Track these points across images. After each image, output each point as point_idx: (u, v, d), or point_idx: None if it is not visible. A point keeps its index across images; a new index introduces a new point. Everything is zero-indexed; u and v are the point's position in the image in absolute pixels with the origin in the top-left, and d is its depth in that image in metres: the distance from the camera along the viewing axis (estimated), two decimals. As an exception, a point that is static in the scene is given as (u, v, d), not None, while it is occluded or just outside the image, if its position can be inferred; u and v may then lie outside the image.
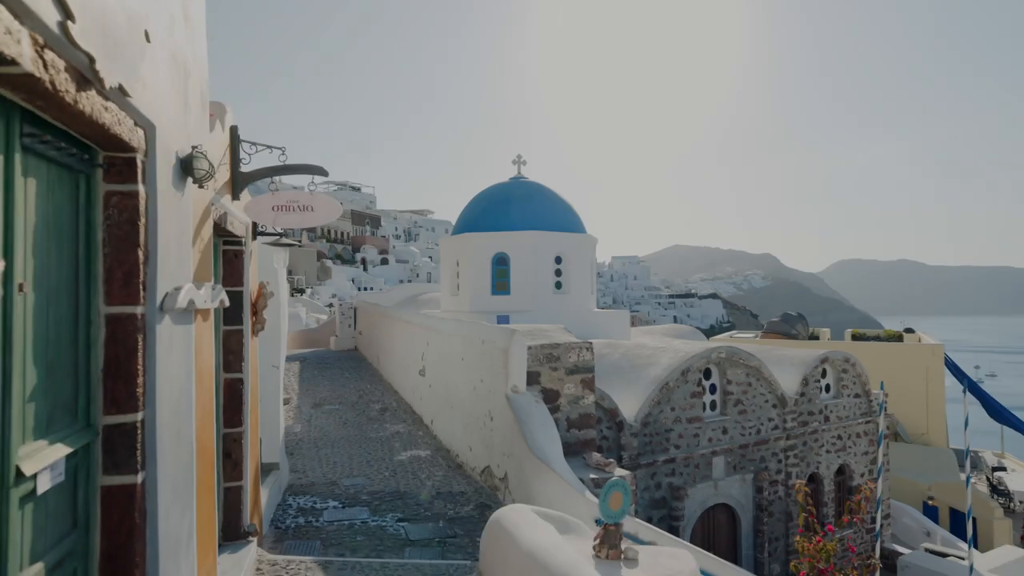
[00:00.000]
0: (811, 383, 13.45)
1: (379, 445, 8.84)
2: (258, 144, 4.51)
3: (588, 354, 7.76)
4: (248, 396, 5.10)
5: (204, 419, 3.42)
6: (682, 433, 11.42)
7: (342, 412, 10.83)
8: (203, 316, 3.39)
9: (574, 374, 7.69)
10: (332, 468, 7.81)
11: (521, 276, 15.57)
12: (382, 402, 11.65)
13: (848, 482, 14.23)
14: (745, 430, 12.33)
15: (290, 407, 11.11)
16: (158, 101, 2.56)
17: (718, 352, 11.96)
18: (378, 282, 68.68)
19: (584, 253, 16.43)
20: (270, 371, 6.65)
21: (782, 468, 12.85)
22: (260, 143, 4.52)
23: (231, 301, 4.96)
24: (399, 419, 10.36)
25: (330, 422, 10.16)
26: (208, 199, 3.64)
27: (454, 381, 8.55)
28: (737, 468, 12.19)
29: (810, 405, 13.40)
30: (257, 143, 4.52)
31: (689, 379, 11.56)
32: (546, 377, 7.51)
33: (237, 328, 4.97)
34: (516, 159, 17.47)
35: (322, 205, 4.60)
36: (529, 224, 15.71)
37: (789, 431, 12.86)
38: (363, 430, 9.67)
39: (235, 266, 4.97)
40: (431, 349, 9.81)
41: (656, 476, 11.09)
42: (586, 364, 7.75)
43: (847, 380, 14.20)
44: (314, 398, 11.96)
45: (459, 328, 8.46)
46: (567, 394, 7.64)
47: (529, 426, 6.60)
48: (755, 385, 12.55)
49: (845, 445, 14.02)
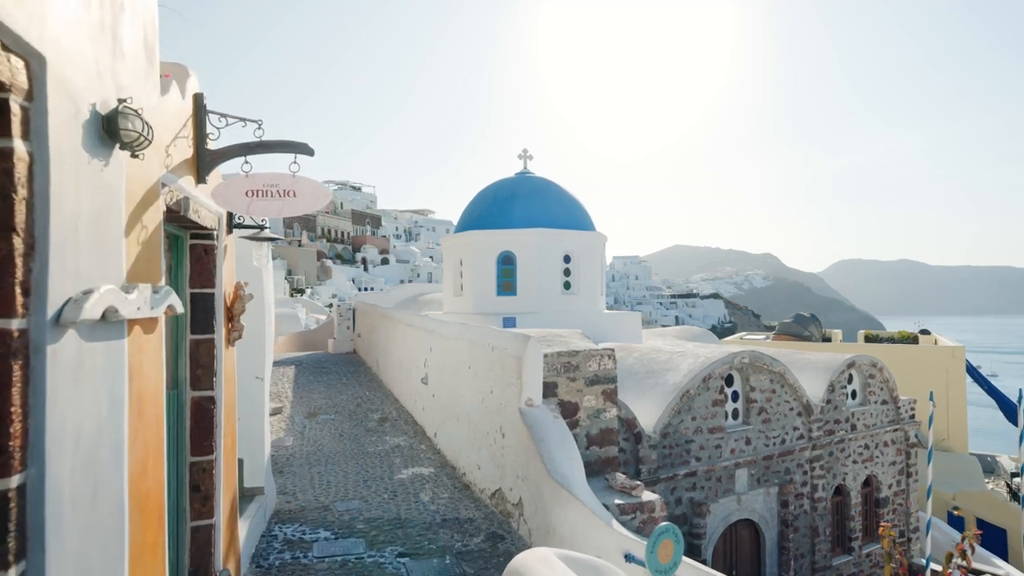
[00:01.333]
0: (837, 389, 12.66)
1: (378, 461, 8.07)
2: (229, 116, 3.73)
3: (610, 362, 6.98)
4: (221, 417, 4.32)
5: (147, 459, 2.65)
6: (703, 444, 10.64)
7: (338, 423, 10.05)
8: (144, 327, 2.61)
9: (595, 385, 6.90)
10: (325, 489, 7.03)
11: (528, 276, 14.79)
12: (381, 411, 10.87)
13: (875, 494, 13.44)
14: (769, 440, 11.54)
15: (282, 417, 10.33)
16: (54, 25, 1.78)
17: (741, 357, 11.18)
18: (378, 282, 68.02)
19: (593, 252, 15.65)
20: (253, 383, 5.88)
21: (807, 480, 12.06)
22: (231, 115, 3.74)
23: (201, 305, 4.20)
24: (399, 431, 9.58)
25: (325, 434, 9.38)
26: (155, 177, 2.86)
27: (460, 391, 7.77)
28: (761, 481, 11.40)
29: (836, 413, 12.61)
30: (227, 115, 3.74)
31: (711, 386, 10.78)
32: (564, 388, 6.73)
33: (208, 337, 4.20)
34: (522, 153, 16.69)
35: (307, 190, 3.82)
36: (536, 221, 14.93)
37: (815, 441, 12.07)
38: (360, 443, 8.90)
39: (205, 264, 4.19)
40: (434, 355, 9.02)
41: (676, 491, 10.31)
42: (608, 373, 6.97)
43: (874, 386, 13.41)
44: (308, 407, 11.18)
45: (465, 332, 7.68)
46: (587, 407, 6.86)
47: (547, 445, 5.82)
48: (779, 392, 11.76)
49: (872, 455, 13.23)
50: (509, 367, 6.43)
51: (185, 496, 4.09)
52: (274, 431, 9.43)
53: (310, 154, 3.82)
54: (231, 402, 4.64)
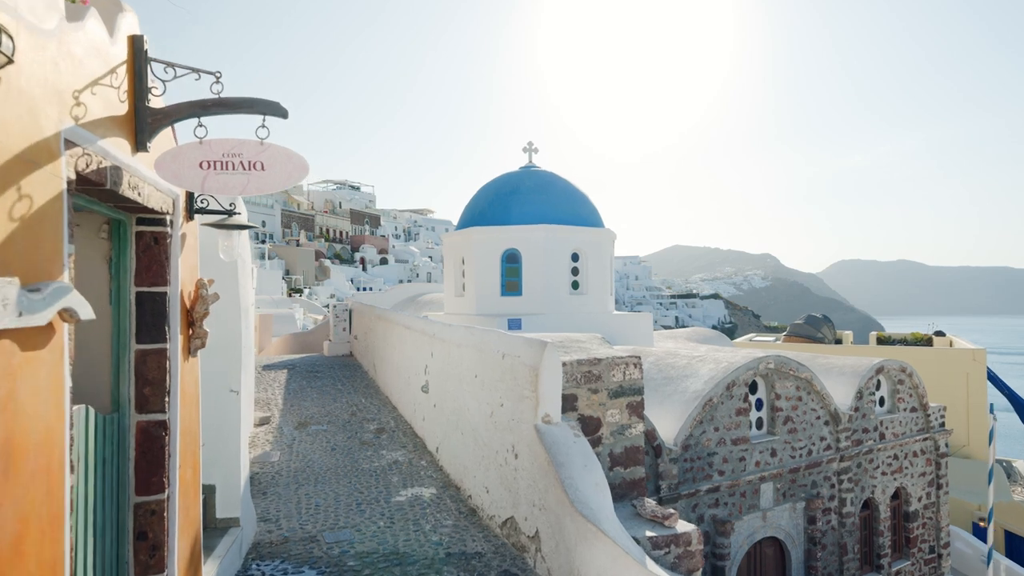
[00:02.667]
0: (865, 396, 11.85)
1: (373, 480, 7.24)
2: (177, 66, 2.91)
3: (635, 371, 6.16)
4: (177, 445, 3.50)
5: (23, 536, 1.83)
6: (727, 457, 9.83)
7: (331, 434, 9.23)
8: (19, 341, 1.79)
9: (619, 397, 6.09)
10: (313, 515, 6.21)
11: (534, 275, 13.97)
12: (378, 421, 10.04)
13: (904, 507, 12.64)
14: (795, 451, 10.73)
15: (269, 427, 9.50)
16: None
17: (766, 362, 10.36)
18: (377, 282, 67.29)
19: (602, 249, 14.83)
20: (227, 398, 5.06)
21: (835, 494, 11.25)
22: (181, 64, 2.92)
23: (150, 307, 3.38)
24: (398, 443, 8.76)
25: (316, 447, 8.56)
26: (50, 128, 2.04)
27: (465, 403, 6.95)
28: (786, 495, 10.59)
29: (864, 421, 11.80)
30: (176, 64, 2.92)
31: (734, 393, 9.96)
32: (584, 401, 5.92)
33: (158, 347, 3.37)
34: (527, 146, 15.87)
35: (278, 162, 3.00)
36: (542, 217, 14.11)
37: (843, 451, 11.26)
38: (354, 458, 8.08)
39: (155, 256, 3.37)
40: (436, 361, 8.20)
41: (698, 508, 9.50)
42: (633, 384, 6.16)
43: (903, 392, 12.61)
44: (299, 415, 10.35)
45: (470, 337, 6.86)
46: (610, 422, 6.05)
47: (568, 470, 5.00)
48: (806, 400, 10.95)
49: (901, 466, 12.43)
50: (522, 378, 5.61)
51: (128, 547, 3.27)
52: (259, 444, 8.61)
53: (283, 116, 3.01)
54: (191, 425, 3.82)
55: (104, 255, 3.31)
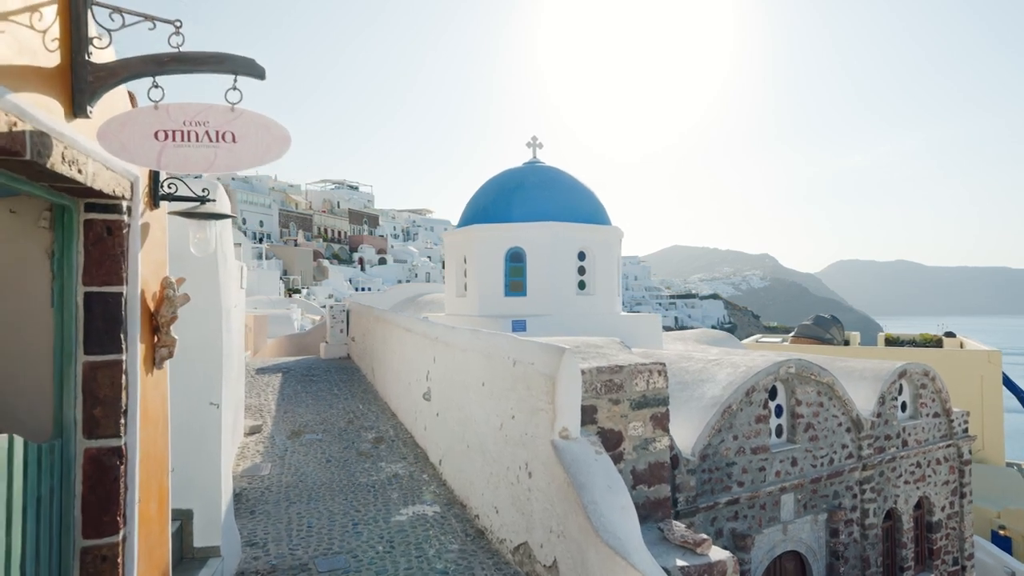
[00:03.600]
0: (888, 401, 11.30)
1: (371, 496, 6.67)
2: (127, 11, 2.34)
3: (660, 380, 5.60)
4: (136, 475, 2.93)
5: None
6: (746, 467, 9.27)
7: (326, 444, 8.65)
8: None
9: (642, 408, 5.53)
10: (305, 538, 5.64)
11: (539, 274, 13.41)
12: (376, 429, 9.47)
13: (927, 517, 12.09)
14: (817, 460, 10.17)
15: (260, 437, 8.93)
16: None
17: (787, 366, 9.80)
18: (376, 282, 66.79)
19: (610, 248, 14.27)
20: (206, 413, 4.49)
21: (857, 505, 10.70)
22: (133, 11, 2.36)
23: (101, 311, 2.81)
24: (397, 454, 8.19)
25: (309, 459, 7.99)
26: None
27: (471, 413, 6.39)
28: (807, 507, 10.03)
29: (886, 428, 11.25)
30: (125, 10, 2.35)
31: (754, 400, 9.40)
32: (605, 413, 5.35)
33: (112, 359, 2.81)
34: (531, 141, 15.31)
35: (252, 132, 2.44)
36: (548, 214, 13.55)
37: (865, 460, 10.70)
38: (351, 471, 7.51)
39: (108, 250, 2.81)
40: (438, 367, 7.64)
41: (717, 522, 8.94)
42: (658, 394, 5.60)
43: (925, 397, 12.06)
44: (293, 423, 9.78)
45: (477, 342, 6.29)
46: (632, 436, 5.48)
47: (591, 492, 4.44)
48: (827, 405, 10.39)
49: (924, 474, 11.87)
50: (537, 387, 5.05)
51: (71, 601, 2.70)
52: (249, 455, 8.03)
53: (259, 76, 2.44)
54: (156, 450, 3.25)
55: (45, 248, 2.75)
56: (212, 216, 3.27)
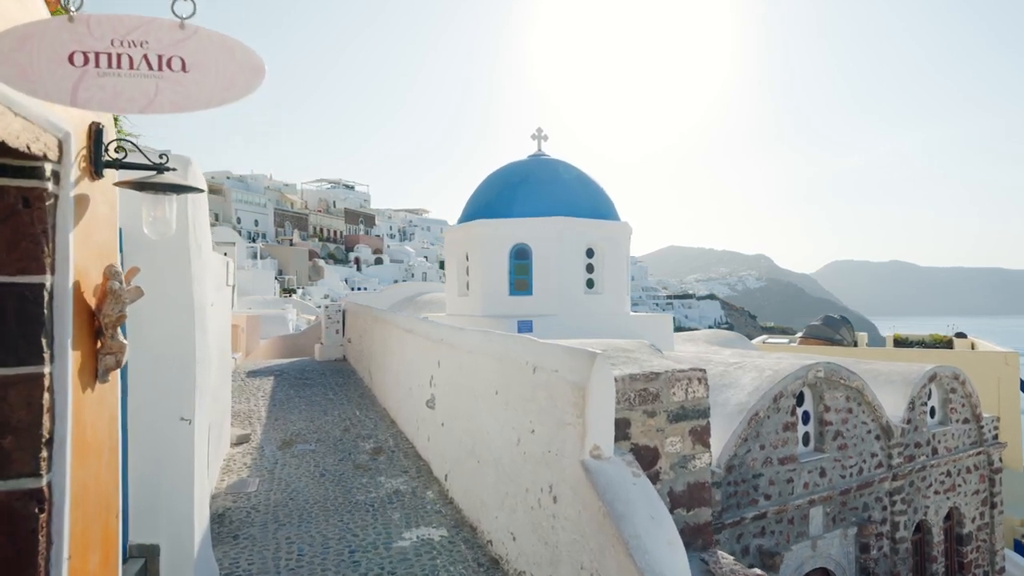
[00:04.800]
0: (917, 407, 10.65)
1: (370, 516, 5.98)
2: None
3: (700, 389, 4.92)
4: (65, 526, 2.23)
5: None
6: (773, 479, 8.61)
7: (320, 455, 7.95)
8: None
9: (680, 421, 4.85)
10: (295, 569, 4.94)
11: (546, 272, 12.73)
12: (375, 438, 8.77)
13: (957, 529, 11.45)
14: (845, 470, 9.52)
15: (249, 447, 8.21)
16: None
17: (815, 370, 9.14)
18: (372, 282, 66.08)
19: (619, 244, 13.60)
20: (175, 431, 3.79)
21: (887, 517, 10.05)
22: None
23: (14, 308, 2.12)
24: (398, 467, 7.49)
25: (302, 472, 7.28)
26: None
27: (482, 424, 5.70)
28: (836, 520, 9.37)
29: (916, 435, 10.61)
30: None
31: (781, 406, 8.74)
32: (639, 427, 4.67)
33: (27, 372, 2.11)
34: (536, 133, 14.63)
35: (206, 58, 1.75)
36: (555, 209, 12.87)
37: (895, 469, 10.05)
38: (347, 487, 6.80)
39: (24, 228, 2.11)
40: (444, 372, 6.94)
41: (743, 538, 8.27)
42: (697, 404, 4.92)
43: (955, 402, 11.42)
44: (284, 432, 9.07)
45: (488, 344, 5.61)
46: (670, 453, 4.81)
47: (632, 524, 3.75)
48: (856, 412, 9.74)
49: (955, 483, 11.23)
50: (562, 398, 4.36)
51: None
52: (235, 469, 7.33)
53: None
54: (101, 486, 2.55)
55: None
56: (172, 189, 2.57)
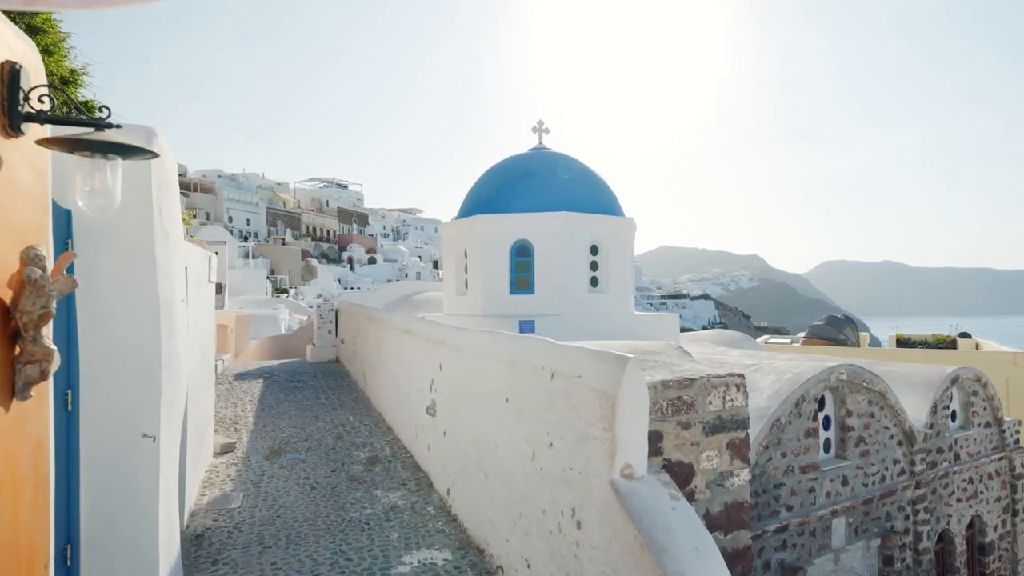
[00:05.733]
0: (939, 411, 10.17)
1: (365, 536, 5.41)
2: None
3: (739, 397, 4.38)
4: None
5: None
6: (795, 488, 8.09)
7: (310, 466, 7.37)
8: None
9: (717, 433, 4.31)
10: (280, 599, 4.36)
11: (548, 270, 12.19)
12: (370, 447, 8.19)
13: (979, 538, 10.98)
14: (868, 478, 9.01)
15: (234, 457, 7.62)
16: None
17: (838, 372, 8.63)
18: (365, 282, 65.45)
19: (624, 241, 13.08)
20: (137, 449, 3.21)
21: (909, 527, 9.56)
22: None
23: None
24: (395, 479, 6.92)
25: (290, 485, 6.70)
26: None
27: (490, 435, 5.14)
28: (859, 532, 8.87)
29: (938, 440, 10.12)
30: None
31: (803, 411, 8.23)
32: (672, 441, 4.13)
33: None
34: (537, 126, 14.09)
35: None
36: (557, 204, 12.33)
37: (918, 476, 9.56)
38: (340, 502, 6.23)
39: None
40: (446, 376, 6.38)
41: (764, 552, 7.75)
42: (735, 415, 4.38)
43: (976, 405, 10.94)
44: (272, 439, 8.48)
45: (498, 346, 5.05)
46: (705, 470, 4.26)
47: (675, 559, 3.20)
48: (878, 416, 9.24)
49: (977, 490, 10.76)
50: (587, 408, 3.81)
51: None
52: (217, 482, 6.73)
53: None
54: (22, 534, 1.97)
55: None
56: (115, 150, 2.00)
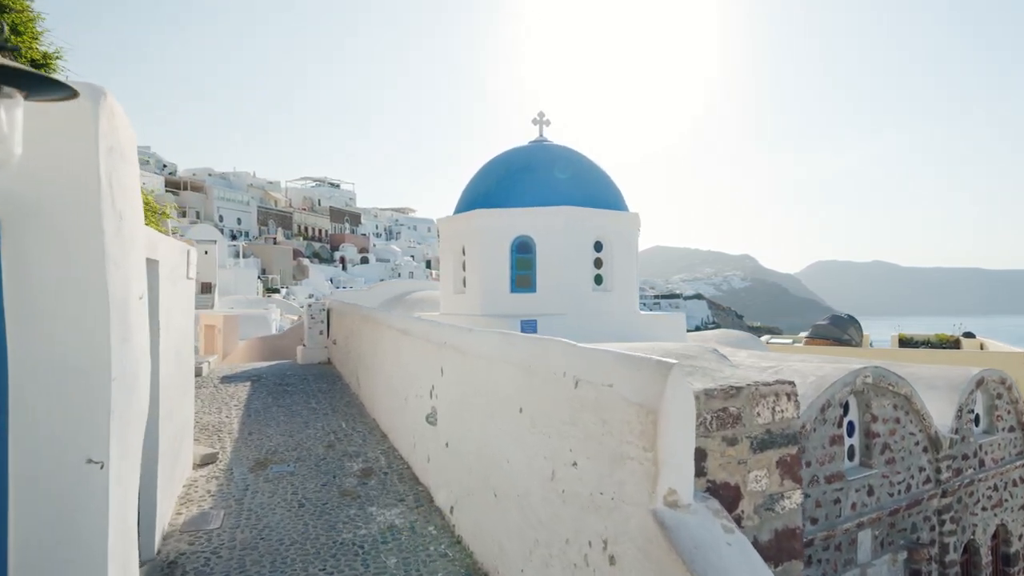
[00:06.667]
0: (964, 415, 9.67)
1: (360, 563, 4.82)
2: None
3: (790, 407, 3.83)
4: None
5: None
6: (820, 500, 7.56)
7: (299, 479, 6.76)
8: None
9: (766, 450, 3.75)
10: (261, 644, 3.76)
11: (550, 267, 11.62)
12: (364, 456, 7.59)
13: (1004, 548, 10.50)
14: (894, 487, 8.50)
15: (215, 469, 7.00)
16: None
17: (863, 375, 8.11)
18: (358, 282, 64.77)
19: (629, 237, 12.54)
20: (82, 476, 2.61)
21: (935, 538, 9.05)
22: None
23: None
24: (392, 494, 6.33)
25: (277, 502, 6.09)
26: None
27: (501, 449, 4.56)
28: (885, 545, 8.35)
29: (963, 446, 9.62)
30: None
31: (828, 417, 7.69)
32: (717, 460, 3.57)
33: None
34: (538, 118, 13.52)
35: None
36: (560, 198, 11.76)
37: (944, 485, 9.06)
38: (331, 521, 5.63)
39: None
40: (448, 381, 5.79)
41: (789, 570, 7.20)
42: (786, 428, 3.83)
43: (1001, 409, 10.45)
44: (259, 449, 7.86)
45: (510, 349, 4.47)
46: (753, 492, 3.70)
47: (737, 609, 2.65)
48: (904, 421, 8.72)
49: (1001, 498, 10.26)
50: (620, 422, 3.23)
51: None
52: (195, 499, 6.12)
53: None
54: None
55: None
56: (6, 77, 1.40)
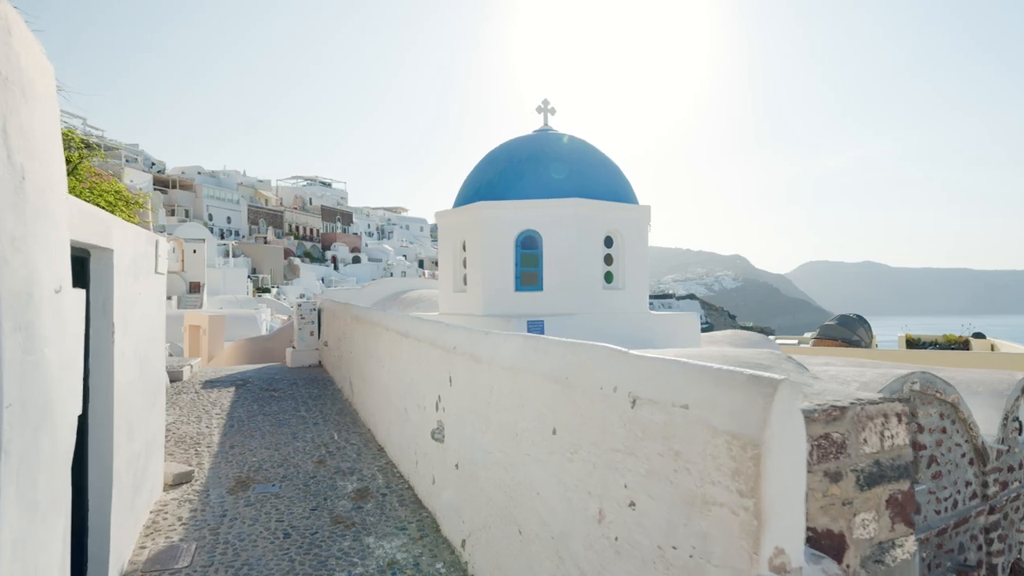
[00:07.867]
0: (1009, 423, 8.95)
1: (354, 610, 3.97)
2: None
3: (900, 431, 3.05)
4: None
5: None
6: (866, 520, 6.80)
7: (285, 502, 5.92)
8: None
9: (874, 486, 2.97)
10: None
11: (558, 264, 10.82)
12: (359, 474, 6.75)
13: (1046, 565, 9.80)
14: (940, 504, 7.76)
15: (189, 490, 6.15)
16: None
17: (910, 382, 7.36)
18: (350, 281, 63.82)
19: (640, 232, 11.76)
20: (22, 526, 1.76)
21: (982, 558, 8.33)
22: None
23: None
24: (392, 520, 5.49)
25: (257, 531, 5.25)
26: None
27: (528, 478, 3.74)
28: (932, 567, 7.62)
29: (1009, 457, 8.91)
30: None
31: (874, 429, 6.94)
32: (817, 501, 2.78)
33: None
34: (542, 105, 12.72)
35: None
36: (568, 190, 10.97)
37: (992, 500, 8.34)
38: (322, 556, 4.80)
39: None
40: (458, 393, 4.97)
41: (835, 600, 6.46)
42: (896, 457, 3.05)
43: (1043, 415, 9.76)
44: (240, 465, 7.00)
45: (539, 357, 3.67)
46: (859, 540, 2.92)
47: None
48: (950, 432, 7.99)
49: (1045, 512, 9.58)
50: (700, 456, 2.43)
51: None
52: (163, 527, 5.27)
53: None
54: None
55: None
56: None
